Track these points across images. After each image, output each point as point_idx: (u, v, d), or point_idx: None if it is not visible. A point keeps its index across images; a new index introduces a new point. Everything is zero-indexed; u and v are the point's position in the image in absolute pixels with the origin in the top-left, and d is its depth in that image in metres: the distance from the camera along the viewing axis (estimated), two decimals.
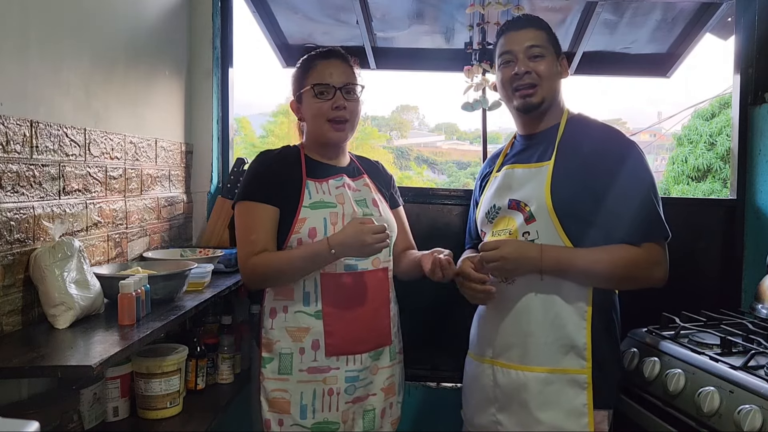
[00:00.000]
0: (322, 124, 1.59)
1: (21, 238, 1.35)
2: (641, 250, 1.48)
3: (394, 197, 1.78)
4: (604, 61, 2.76)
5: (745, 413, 1.31)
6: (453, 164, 19.91)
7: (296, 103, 1.66)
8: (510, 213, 1.58)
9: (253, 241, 1.53)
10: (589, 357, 1.50)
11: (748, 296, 2.18)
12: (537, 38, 1.57)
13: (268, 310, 1.59)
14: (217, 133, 2.39)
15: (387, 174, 1.80)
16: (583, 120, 1.63)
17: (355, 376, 1.57)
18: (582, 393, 1.49)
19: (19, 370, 1.10)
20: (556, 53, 1.59)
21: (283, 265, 1.52)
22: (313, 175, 1.61)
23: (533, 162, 1.59)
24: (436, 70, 2.89)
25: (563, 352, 1.50)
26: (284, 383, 1.55)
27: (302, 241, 1.54)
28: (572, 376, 1.49)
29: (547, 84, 1.56)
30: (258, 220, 1.54)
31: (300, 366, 1.55)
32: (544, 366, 1.50)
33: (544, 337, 1.51)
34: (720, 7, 2.38)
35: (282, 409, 1.55)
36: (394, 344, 1.66)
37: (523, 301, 1.53)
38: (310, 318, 1.55)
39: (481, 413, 1.61)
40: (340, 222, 1.56)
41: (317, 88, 1.58)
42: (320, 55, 1.64)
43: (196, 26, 2.32)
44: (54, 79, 1.47)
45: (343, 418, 1.57)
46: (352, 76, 1.62)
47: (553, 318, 1.51)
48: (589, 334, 1.50)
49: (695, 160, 11.10)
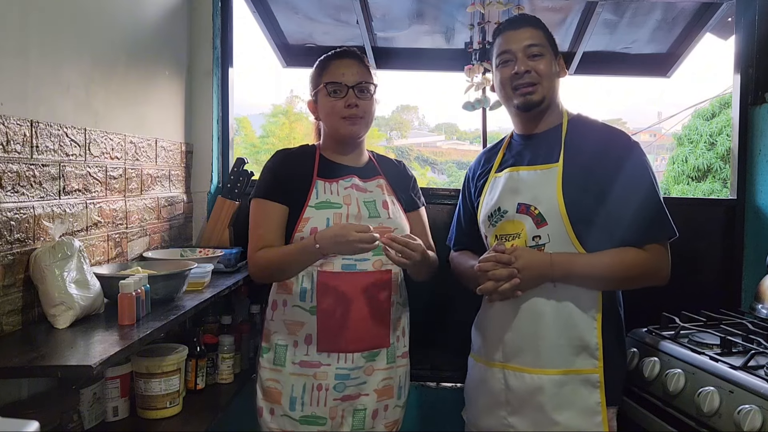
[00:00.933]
0: (336, 121, 1.62)
1: (21, 237, 1.35)
2: (647, 253, 1.48)
3: (413, 199, 1.76)
4: (604, 61, 2.77)
5: (745, 413, 1.31)
6: (453, 164, 19.90)
7: (313, 104, 1.70)
8: (519, 217, 1.56)
9: (260, 236, 1.61)
10: (600, 356, 1.50)
11: (748, 296, 2.18)
12: (535, 37, 1.56)
13: (270, 303, 1.67)
14: (217, 133, 2.39)
15: (408, 175, 1.80)
16: (584, 120, 1.63)
17: (345, 374, 1.58)
18: (595, 392, 1.49)
19: (19, 370, 1.10)
20: (554, 52, 1.59)
21: (278, 259, 1.58)
22: (324, 174, 1.64)
23: (539, 164, 1.57)
24: (437, 70, 2.88)
25: (575, 353, 1.50)
26: (277, 374, 1.62)
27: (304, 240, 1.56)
28: (585, 376, 1.49)
29: (547, 82, 1.56)
30: (266, 216, 1.62)
31: (293, 359, 1.60)
32: (558, 368, 1.50)
33: (557, 339, 1.50)
34: (720, 7, 2.38)
35: (274, 399, 1.61)
36: (393, 347, 1.66)
37: (533, 305, 1.52)
38: (305, 313, 1.59)
39: (489, 416, 1.60)
40: (344, 222, 1.57)
41: (330, 87, 1.61)
42: (335, 55, 1.66)
43: (196, 26, 2.32)
44: (54, 78, 1.47)
45: (330, 414, 1.59)
46: (366, 75, 1.64)
47: (565, 319, 1.50)
48: (600, 334, 1.50)
49: (695, 160, 11.10)
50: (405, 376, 1.71)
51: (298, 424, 1.58)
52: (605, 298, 1.52)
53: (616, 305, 1.57)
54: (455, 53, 2.68)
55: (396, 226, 1.64)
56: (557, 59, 1.61)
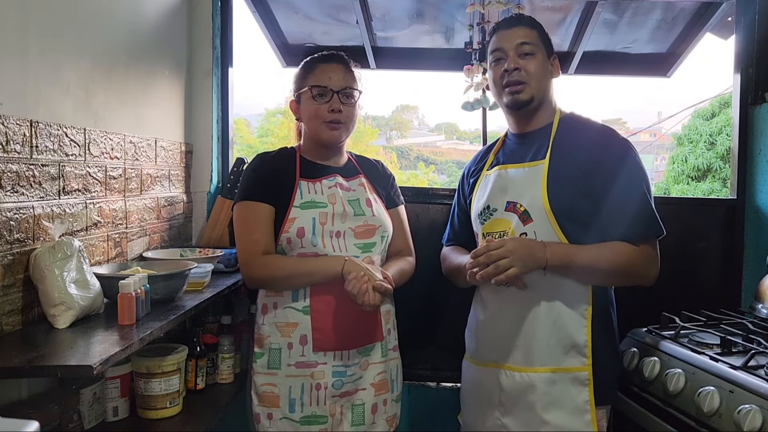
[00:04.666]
0: (318, 125, 1.61)
1: (21, 237, 1.35)
2: (638, 248, 1.48)
3: (393, 197, 1.77)
4: (604, 61, 2.76)
5: (745, 413, 1.31)
6: (453, 164, 19.90)
7: (295, 104, 1.69)
8: (506, 215, 1.57)
9: (256, 240, 1.57)
10: (589, 354, 1.50)
11: (748, 296, 2.18)
12: (527, 36, 1.57)
13: (260, 307, 1.64)
14: (217, 133, 2.39)
15: (386, 173, 1.81)
16: (576, 119, 1.63)
17: (342, 372, 1.59)
18: (584, 390, 1.49)
19: (19, 370, 1.10)
20: (547, 52, 1.59)
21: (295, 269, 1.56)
22: (307, 175, 1.64)
23: (526, 161, 1.58)
24: (436, 70, 2.88)
25: (565, 352, 1.51)
26: (273, 378, 1.59)
27: (291, 240, 1.57)
28: (574, 374, 1.50)
29: (536, 82, 1.56)
30: (258, 219, 1.58)
31: (288, 361, 1.58)
32: (548, 366, 1.50)
33: (547, 338, 1.51)
34: (720, 6, 2.38)
35: (271, 403, 1.59)
36: (386, 340, 1.67)
37: (525, 304, 1.53)
38: (298, 313, 1.58)
39: (484, 418, 1.61)
40: (329, 222, 1.58)
41: (315, 90, 1.60)
42: (322, 58, 1.66)
43: (195, 26, 2.31)
44: (54, 78, 1.47)
45: (330, 411, 1.59)
46: (351, 81, 1.63)
47: (555, 318, 1.51)
48: (589, 332, 1.51)
49: (695, 160, 11.10)
50: (397, 370, 1.72)
51: (298, 425, 1.58)
52: (596, 298, 1.52)
53: (607, 304, 1.57)
54: (455, 53, 2.68)
55: (380, 223, 1.65)
56: (551, 59, 1.61)
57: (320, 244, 1.57)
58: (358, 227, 1.61)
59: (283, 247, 1.59)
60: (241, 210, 1.61)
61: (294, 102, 1.69)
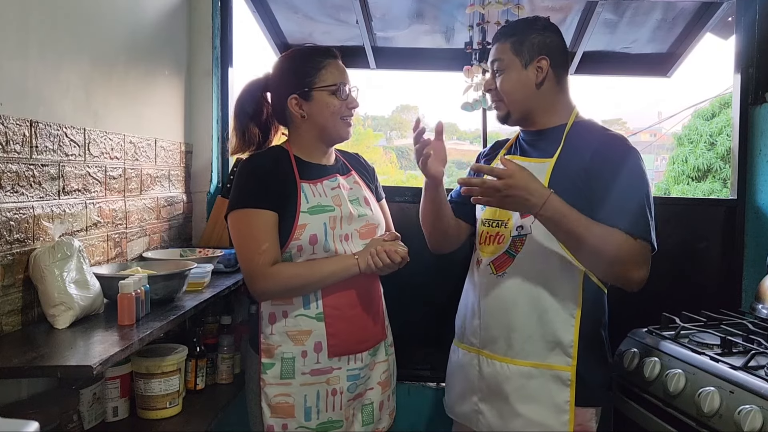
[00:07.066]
0: (335, 121, 1.58)
1: (21, 238, 1.35)
2: (634, 242, 1.43)
3: (378, 191, 1.78)
4: (604, 61, 2.76)
5: (746, 413, 1.31)
6: (453, 164, 19.86)
7: (300, 99, 1.57)
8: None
9: (265, 251, 1.48)
10: (575, 355, 1.50)
11: (748, 296, 2.18)
12: (498, 52, 1.58)
13: (266, 316, 1.55)
14: (216, 133, 2.39)
15: (370, 167, 1.80)
16: (590, 124, 1.62)
17: (356, 374, 1.58)
18: (565, 390, 1.49)
19: (19, 370, 1.10)
20: (524, 61, 1.55)
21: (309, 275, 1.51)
22: (306, 176, 1.58)
23: (534, 157, 1.59)
24: (436, 70, 2.88)
25: (549, 348, 1.51)
26: (287, 387, 1.53)
27: (302, 247, 1.51)
28: (556, 372, 1.50)
29: (509, 97, 1.58)
30: (263, 228, 1.49)
31: (303, 369, 1.53)
32: (528, 360, 1.51)
33: (529, 331, 1.51)
34: (720, 6, 2.38)
35: (286, 414, 1.53)
36: (388, 338, 1.69)
37: (511, 295, 1.53)
38: (312, 320, 1.54)
39: (463, 401, 1.64)
40: (339, 225, 1.55)
41: (335, 87, 1.56)
42: (329, 53, 1.60)
43: (195, 26, 2.31)
44: (54, 78, 1.47)
45: (345, 415, 1.58)
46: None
47: (540, 314, 1.51)
48: (577, 332, 1.50)
49: (695, 160, 11.11)
50: (394, 364, 1.74)
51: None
52: (587, 300, 1.51)
53: (598, 308, 1.55)
54: (455, 53, 2.68)
55: (378, 222, 1.65)
56: (534, 63, 1.54)
57: (333, 248, 1.53)
58: (362, 228, 1.60)
59: (292, 255, 1.52)
60: (242, 218, 1.51)
61: (297, 98, 1.57)
